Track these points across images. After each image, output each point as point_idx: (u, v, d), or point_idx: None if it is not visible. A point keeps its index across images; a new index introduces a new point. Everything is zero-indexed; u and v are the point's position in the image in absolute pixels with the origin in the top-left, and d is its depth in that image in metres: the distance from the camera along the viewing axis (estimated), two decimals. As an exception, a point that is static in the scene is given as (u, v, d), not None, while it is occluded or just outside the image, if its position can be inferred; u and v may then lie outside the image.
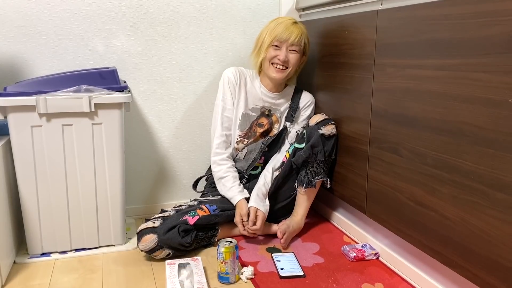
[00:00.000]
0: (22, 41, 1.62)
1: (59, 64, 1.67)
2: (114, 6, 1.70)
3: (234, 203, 1.58)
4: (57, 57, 1.67)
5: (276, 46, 1.60)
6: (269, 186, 1.65)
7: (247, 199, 1.58)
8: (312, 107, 1.77)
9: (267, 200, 1.62)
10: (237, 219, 1.55)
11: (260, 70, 1.69)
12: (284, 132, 1.73)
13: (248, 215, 1.54)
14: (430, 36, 1.11)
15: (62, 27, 1.65)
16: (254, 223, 1.53)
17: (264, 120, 1.72)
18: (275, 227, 1.62)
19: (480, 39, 0.97)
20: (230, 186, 1.61)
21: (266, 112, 1.72)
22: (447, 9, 1.05)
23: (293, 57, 1.61)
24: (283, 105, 1.75)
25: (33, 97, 1.36)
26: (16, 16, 1.60)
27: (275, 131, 1.74)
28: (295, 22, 1.62)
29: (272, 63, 1.61)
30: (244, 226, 1.54)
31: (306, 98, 1.76)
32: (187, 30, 1.81)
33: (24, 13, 1.60)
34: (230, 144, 1.70)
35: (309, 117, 1.73)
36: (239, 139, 1.71)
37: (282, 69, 1.61)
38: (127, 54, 1.75)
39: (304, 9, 1.86)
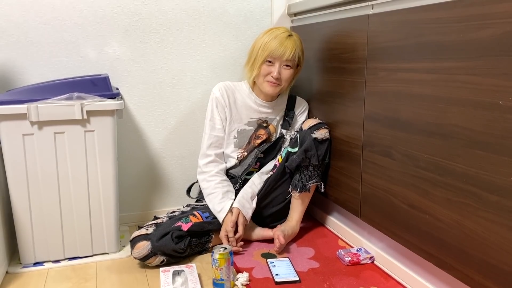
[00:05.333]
0: (13, 49, 1.61)
1: (50, 72, 1.67)
2: (105, 13, 1.70)
3: (220, 220, 1.55)
4: (49, 64, 1.66)
5: (270, 62, 1.59)
6: (258, 188, 1.64)
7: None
8: (306, 112, 1.77)
9: (254, 201, 1.60)
10: (221, 234, 1.53)
11: (254, 81, 1.68)
12: (280, 140, 1.73)
13: (235, 233, 1.53)
14: (421, 40, 1.12)
15: (53, 34, 1.65)
16: (236, 225, 1.53)
17: (262, 132, 1.72)
18: (269, 232, 1.61)
19: (470, 42, 0.97)
20: (217, 202, 1.58)
21: (264, 124, 1.72)
22: (438, 13, 1.06)
23: (286, 73, 1.60)
24: (279, 114, 1.75)
25: (25, 105, 1.36)
26: (7, 24, 1.59)
27: (272, 139, 1.74)
28: (290, 35, 1.59)
29: (266, 80, 1.61)
30: (229, 241, 1.52)
31: (301, 104, 1.76)
32: (179, 36, 1.81)
33: (15, 21, 1.60)
34: (221, 160, 1.69)
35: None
36: (239, 156, 1.70)
37: (276, 84, 1.61)
38: (119, 61, 1.75)
39: (296, 14, 1.87)
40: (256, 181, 1.65)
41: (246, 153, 1.71)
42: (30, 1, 1.60)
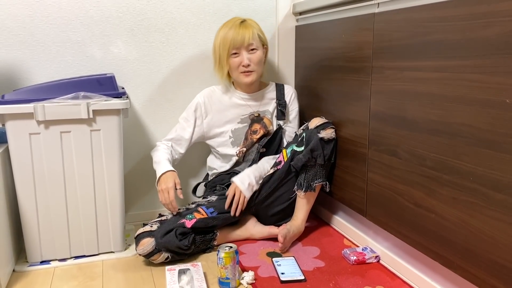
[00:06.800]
0: (19, 49, 1.62)
1: (57, 71, 1.67)
2: (111, 12, 1.70)
3: (158, 176, 1.58)
4: (55, 64, 1.67)
5: (235, 53, 1.60)
6: (264, 172, 1.65)
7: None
8: (296, 99, 1.80)
9: (258, 182, 1.62)
10: (158, 188, 1.57)
11: (232, 80, 1.71)
12: (279, 131, 1.73)
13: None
14: (427, 38, 1.11)
15: (59, 34, 1.66)
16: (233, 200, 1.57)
17: (257, 126, 1.72)
18: (275, 230, 1.61)
19: (477, 40, 0.97)
20: (158, 161, 1.63)
21: (256, 115, 1.73)
22: (444, 11, 1.05)
23: (255, 57, 1.62)
24: (270, 105, 1.75)
25: (31, 105, 1.36)
26: (14, 24, 1.60)
27: (271, 132, 1.74)
28: (243, 21, 1.63)
29: (240, 72, 1.63)
30: (161, 195, 1.55)
31: (289, 92, 1.79)
32: (184, 35, 1.81)
33: (21, 21, 1.61)
34: (176, 153, 1.72)
35: (297, 111, 1.78)
36: (237, 151, 1.71)
37: (250, 71, 1.63)
38: (125, 61, 1.75)
39: (301, 13, 1.87)
40: (266, 166, 1.67)
41: (245, 148, 1.71)
42: (37, 1, 1.61)
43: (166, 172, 1.58)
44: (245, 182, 1.59)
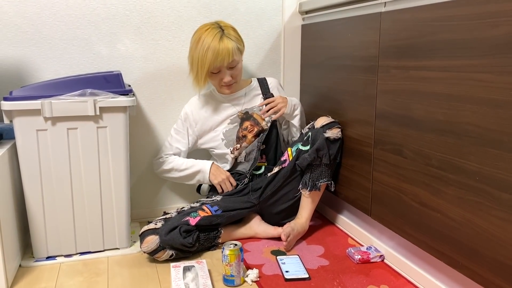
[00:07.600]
0: (27, 46, 1.63)
1: (64, 68, 1.68)
2: (118, 10, 1.71)
3: (207, 170, 1.67)
4: (62, 61, 1.68)
5: (215, 72, 1.63)
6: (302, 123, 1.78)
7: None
8: (280, 87, 1.84)
9: (294, 115, 1.74)
10: (219, 180, 1.68)
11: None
12: (274, 126, 1.75)
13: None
14: (434, 38, 1.11)
15: (67, 31, 1.67)
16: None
17: (247, 123, 1.73)
18: (279, 230, 1.61)
19: (484, 40, 0.97)
20: (191, 164, 1.71)
21: (243, 113, 1.75)
22: (451, 10, 1.05)
23: (235, 71, 1.66)
24: (257, 101, 1.77)
25: (39, 101, 1.37)
26: (22, 21, 1.61)
27: (265, 128, 1.74)
28: (221, 36, 1.59)
29: (221, 85, 1.67)
30: (224, 186, 1.69)
31: (272, 83, 1.82)
32: (191, 33, 1.81)
33: (29, 18, 1.62)
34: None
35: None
36: (231, 149, 1.72)
37: (231, 84, 1.67)
38: (131, 58, 1.76)
39: (307, 12, 1.87)
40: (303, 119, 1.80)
41: (239, 146, 1.72)
42: (44, -1, 1.62)
43: (211, 166, 1.68)
44: (293, 102, 1.70)
